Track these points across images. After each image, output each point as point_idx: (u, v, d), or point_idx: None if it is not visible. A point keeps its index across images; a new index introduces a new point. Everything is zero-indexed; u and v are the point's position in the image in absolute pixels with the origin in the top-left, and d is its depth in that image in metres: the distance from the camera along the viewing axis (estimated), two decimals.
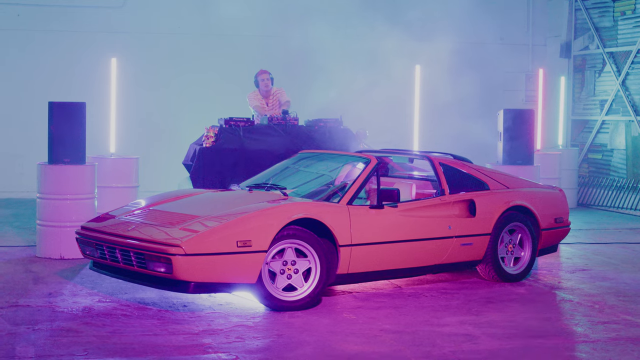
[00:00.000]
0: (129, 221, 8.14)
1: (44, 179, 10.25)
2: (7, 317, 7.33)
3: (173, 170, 14.27)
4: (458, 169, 9.39)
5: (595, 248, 11.68)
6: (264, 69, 12.89)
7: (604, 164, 16.79)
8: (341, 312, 7.81)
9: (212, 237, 7.44)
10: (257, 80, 12.84)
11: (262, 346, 6.72)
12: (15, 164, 15.89)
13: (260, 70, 12.88)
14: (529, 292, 8.87)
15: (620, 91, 16.20)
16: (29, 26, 15.95)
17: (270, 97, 12.82)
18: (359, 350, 6.60)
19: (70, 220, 10.11)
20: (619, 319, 7.74)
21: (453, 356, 6.49)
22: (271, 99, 12.82)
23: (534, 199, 9.58)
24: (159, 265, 7.40)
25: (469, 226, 9.00)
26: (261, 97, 12.78)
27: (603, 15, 16.74)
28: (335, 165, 9.26)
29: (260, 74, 12.82)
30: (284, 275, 7.79)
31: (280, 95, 12.84)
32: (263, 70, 12.85)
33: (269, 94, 12.79)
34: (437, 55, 14.83)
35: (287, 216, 7.75)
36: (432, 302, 8.30)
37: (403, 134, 14.49)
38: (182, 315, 7.58)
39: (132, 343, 6.65)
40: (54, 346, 6.53)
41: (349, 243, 8.08)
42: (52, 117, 10.22)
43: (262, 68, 12.98)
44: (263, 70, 12.87)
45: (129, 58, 14.52)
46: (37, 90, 15.56)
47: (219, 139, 11.67)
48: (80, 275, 9.14)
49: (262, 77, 12.77)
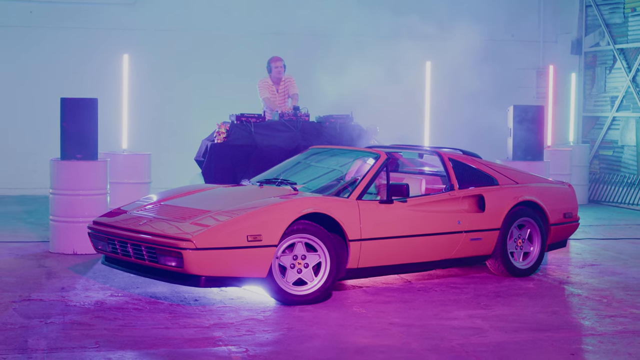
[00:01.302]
0: (141, 216, 8.22)
1: (57, 175, 10.33)
2: (20, 311, 7.42)
3: (185, 166, 14.31)
4: (467, 164, 9.44)
5: (605, 243, 11.72)
6: (278, 56, 12.96)
7: (614, 160, 16.82)
8: (351, 306, 7.87)
9: (222, 232, 7.51)
10: (269, 66, 12.90)
11: (272, 339, 6.79)
12: (28, 161, 15.98)
13: (273, 57, 12.95)
14: (537, 286, 8.92)
15: (630, 87, 16.22)
16: (41, 23, 16.04)
17: (281, 83, 12.89)
18: (368, 343, 6.66)
19: (83, 216, 10.18)
20: (626, 313, 7.79)
21: (461, 349, 6.54)
22: (282, 85, 12.89)
23: (543, 194, 9.62)
24: (170, 259, 7.48)
25: (478, 221, 9.05)
26: (271, 83, 12.85)
27: (614, 12, 16.76)
28: (345, 160, 9.31)
29: (273, 61, 12.88)
30: (294, 269, 7.86)
31: (290, 85, 12.91)
32: (277, 57, 12.92)
33: (280, 80, 12.86)
34: (448, 51, 14.88)
35: (297, 211, 7.81)
36: (442, 296, 8.36)
37: (413, 129, 14.53)
38: (193, 309, 7.65)
39: (143, 336, 6.73)
40: (65, 339, 6.61)
41: (359, 238, 8.15)
42: (65, 113, 10.31)
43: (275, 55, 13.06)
44: (277, 57, 12.94)
45: (141, 55, 14.61)
46: (50, 87, 15.63)
47: (230, 135, 11.74)
48: (93, 270, 9.23)
49: (275, 64, 12.83)
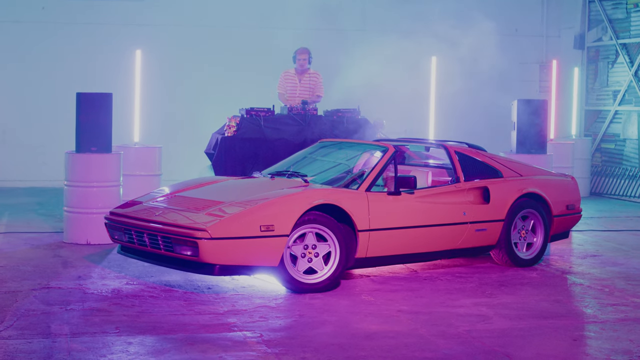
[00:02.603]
0: (156, 207, 8.47)
1: (72, 167, 10.56)
2: (41, 298, 7.66)
3: (194, 159, 14.53)
4: (473, 157, 9.67)
5: (607, 235, 11.95)
6: (305, 47, 13.11)
7: (616, 153, 17.02)
8: (359, 295, 8.12)
9: (236, 222, 7.76)
10: (295, 57, 13.06)
11: (285, 325, 7.04)
12: (38, 154, 16.19)
13: (300, 49, 13.08)
14: (540, 276, 9.16)
15: (632, 82, 16.41)
16: (53, 19, 16.18)
17: (304, 75, 13.02)
18: (377, 329, 6.91)
19: (97, 207, 10.43)
20: (627, 302, 8.03)
21: (468, 335, 6.79)
22: (305, 77, 13.01)
23: (546, 186, 9.85)
24: (186, 248, 7.73)
25: (483, 212, 9.28)
26: (294, 74, 13.01)
27: (616, 7, 16.95)
28: (353, 153, 9.56)
29: (299, 52, 13.02)
30: (304, 258, 8.11)
31: (316, 82, 13.04)
32: (303, 49, 13.05)
33: (305, 72, 13.02)
34: (453, 46, 15.03)
35: (308, 202, 8.06)
36: (447, 285, 8.61)
37: (419, 123, 14.72)
38: (207, 296, 7.90)
39: (161, 322, 6.98)
40: (87, 324, 6.86)
41: (367, 228, 8.39)
42: (80, 107, 10.52)
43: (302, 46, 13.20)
44: (303, 49, 13.07)
45: (153, 50, 14.76)
46: (60, 81, 15.83)
47: (240, 129, 11.94)
48: (107, 260, 9.47)
49: (301, 56, 12.97)
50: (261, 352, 6.25)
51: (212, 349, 6.28)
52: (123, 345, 6.33)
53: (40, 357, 6.00)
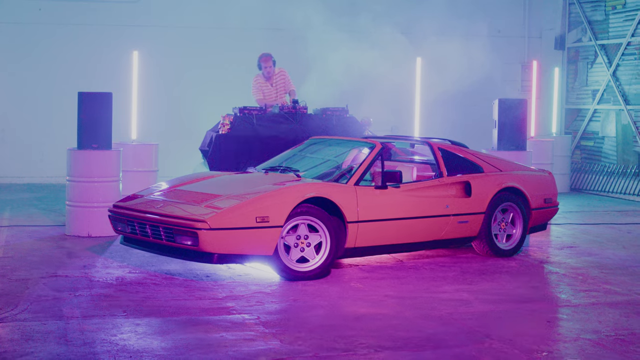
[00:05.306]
0: (157, 200, 8.97)
1: (74, 163, 11.00)
2: (50, 285, 8.14)
3: (189, 155, 14.91)
4: (455, 153, 10.14)
5: (584, 228, 12.47)
6: (266, 54, 13.26)
7: (595, 150, 17.50)
8: (349, 282, 8.63)
9: (233, 214, 8.26)
10: (259, 64, 13.27)
11: (280, 309, 7.57)
12: (36, 151, 16.57)
13: (262, 57, 13.25)
14: (519, 265, 9.67)
15: (611, 81, 16.90)
16: (50, 20, 16.52)
17: (272, 78, 13.28)
18: (366, 312, 7.43)
19: (98, 201, 10.90)
20: (599, 288, 8.56)
21: (450, 317, 7.31)
22: (274, 79, 13.28)
23: (525, 181, 10.34)
24: (186, 238, 8.23)
25: (465, 205, 9.78)
26: (264, 80, 13.28)
27: (595, 10, 17.43)
28: (342, 150, 10.05)
29: (262, 60, 13.21)
30: (297, 248, 8.61)
31: (286, 81, 13.34)
32: (265, 57, 13.22)
33: (272, 75, 13.27)
34: (437, 47, 15.44)
35: (301, 195, 8.56)
36: (431, 273, 9.12)
37: (405, 121, 15.10)
38: (205, 284, 8.40)
39: (164, 306, 7.48)
40: (96, 308, 7.36)
41: (356, 220, 8.90)
42: (81, 106, 10.95)
43: (264, 52, 13.38)
44: (265, 56, 13.24)
45: (150, 51, 15.14)
46: (59, 81, 16.23)
47: (233, 127, 12.33)
48: (110, 251, 9.95)
49: (266, 63, 13.17)
50: (259, 332, 6.76)
51: (213, 329, 6.79)
52: (131, 326, 6.83)
53: (56, 336, 6.50)
